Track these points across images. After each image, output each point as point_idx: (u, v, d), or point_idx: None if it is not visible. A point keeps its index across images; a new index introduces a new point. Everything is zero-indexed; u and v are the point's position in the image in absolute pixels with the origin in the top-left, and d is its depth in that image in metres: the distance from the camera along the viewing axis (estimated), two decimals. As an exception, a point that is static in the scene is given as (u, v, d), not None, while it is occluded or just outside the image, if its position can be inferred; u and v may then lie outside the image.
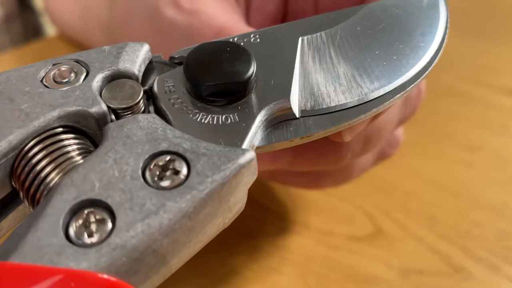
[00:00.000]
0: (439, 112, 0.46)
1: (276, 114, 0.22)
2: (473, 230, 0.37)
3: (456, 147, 0.43)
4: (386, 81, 0.23)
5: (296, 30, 0.24)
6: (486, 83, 0.49)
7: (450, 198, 0.39)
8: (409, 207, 0.38)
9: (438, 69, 0.52)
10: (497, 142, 0.43)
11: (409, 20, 0.25)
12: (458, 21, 0.56)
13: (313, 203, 0.39)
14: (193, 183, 0.18)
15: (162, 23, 0.31)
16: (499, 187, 0.40)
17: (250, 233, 0.37)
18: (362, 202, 0.39)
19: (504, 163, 0.42)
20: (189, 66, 0.21)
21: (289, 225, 0.37)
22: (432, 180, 0.40)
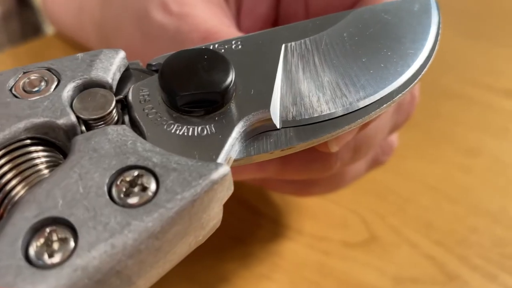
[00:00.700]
0: (438, 115, 0.45)
1: (255, 125, 0.20)
2: (470, 237, 0.36)
3: (455, 150, 0.41)
4: (372, 90, 0.22)
5: (280, 36, 0.23)
6: (486, 84, 0.47)
7: (447, 203, 0.38)
8: (405, 212, 0.37)
9: (437, 70, 0.50)
10: (496, 145, 0.42)
11: (399, 26, 0.23)
12: (458, 21, 0.55)
13: (308, 207, 0.37)
14: (161, 201, 0.17)
15: (150, 26, 0.30)
16: (497, 192, 0.38)
17: (242, 238, 0.35)
18: (358, 207, 0.38)
19: (503, 167, 0.40)
20: (164, 74, 0.20)
21: (282, 230, 0.36)
22: (429, 185, 0.39)
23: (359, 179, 0.35)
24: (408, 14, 0.24)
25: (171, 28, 0.29)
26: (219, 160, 0.19)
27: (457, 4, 0.58)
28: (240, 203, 0.37)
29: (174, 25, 0.29)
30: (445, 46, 0.53)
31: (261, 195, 0.38)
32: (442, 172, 0.40)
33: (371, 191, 0.39)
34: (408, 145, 0.42)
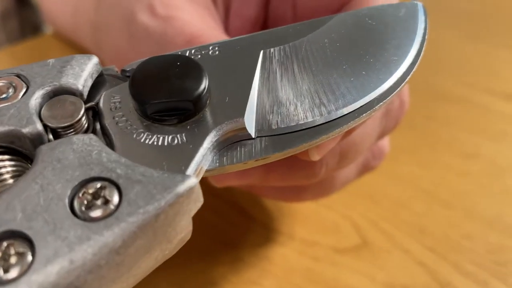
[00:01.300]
0: (435, 117, 0.43)
1: (229, 134, 0.19)
2: (463, 243, 0.35)
3: (451, 154, 0.40)
4: (352, 98, 0.21)
5: (259, 42, 0.22)
6: (485, 87, 0.46)
7: (441, 208, 0.37)
8: (398, 217, 0.36)
9: (435, 72, 0.49)
10: (493, 149, 0.41)
11: (383, 32, 0.23)
12: (458, 21, 0.54)
13: (300, 212, 0.36)
14: (122, 214, 0.16)
15: (137, 29, 0.29)
16: (493, 198, 0.37)
17: (233, 242, 0.34)
18: (350, 212, 0.37)
19: (500, 172, 0.39)
20: (135, 81, 0.19)
21: (273, 235, 0.35)
22: (424, 189, 0.38)
23: (351, 183, 0.34)
24: (394, 19, 0.23)
25: (156, 31, 0.28)
26: (189, 171, 0.18)
27: (457, 3, 0.56)
28: (232, 207, 0.36)
29: (159, 28, 0.28)
30: (443, 47, 0.52)
31: (253, 199, 0.37)
32: (437, 176, 0.39)
33: (365, 195, 0.38)
34: (403, 148, 0.41)
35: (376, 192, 0.38)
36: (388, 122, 0.28)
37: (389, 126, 0.28)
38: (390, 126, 0.28)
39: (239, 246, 0.34)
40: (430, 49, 0.53)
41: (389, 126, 0.28)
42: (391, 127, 0.29)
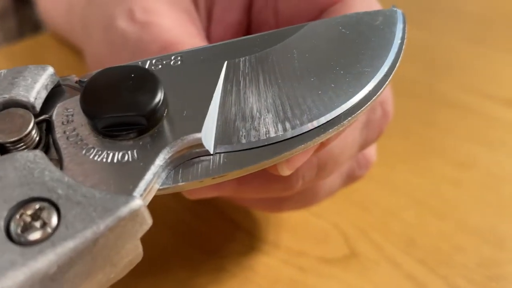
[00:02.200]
0: (432, 123, 0.42)
1: (185, 150, 0.18)
2: (455, 256, 0.33)
3: (446, 162, 0.39)
4: (318, 113, 0.19)
5: (224, 52, 0.21)
6: (485, 92, 0.44)
7: (433, 219, 0.35)
8: (389, 228, 0.35)
9: (434, 76, 0.47)
10: (491, 158, 0.39)
11: (356, 42, 0.21)
12: (460, 24, 0.52)
13: (287, 220, 0.35)
14: (59, 239, 0.15)
15: (115, 35, 0.28)
16: (487, 209, 0.36)
17: (216, 251, 0.33)
18: (339, 220, 0.35)
19: (496, 182, 0.37)
20: (86, 94, 0.18)
21: (258, 244, 0.34)
22: (416, 199, 0.36)
23: (345, 189, 0.33)
24: (369, 28, 0.22)
25: (133, 37, 0.27)
26: (137, 190, 0.17)
27: (458, 5, 0.55)
28: (217, 214, 0.35)
29: (136, 34, 0.27)
30: (443, 50, 0.50)
31: (240, 207, 0.36)
32: (431, 185, 0.37)
33: (355, 203, 0.36)
34: (397, 155, 0.39)
35: (368, 201, 0.36)
36: (370, 133, 0.27)
37: (371, 137, 0.27)
38: (372, 136, 0.27)
39: (222, 255, 0.33)
40: (430, 52, 0.51)
41: (371, 136, 0.27)
42: (374, 137, 0.27)
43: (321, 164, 0.25)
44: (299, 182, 0.25)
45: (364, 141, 0.27)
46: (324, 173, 0.26)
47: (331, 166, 0.26)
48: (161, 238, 0.34)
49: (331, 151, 0.25)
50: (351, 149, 0.26)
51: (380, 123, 0.27)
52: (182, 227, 0.34)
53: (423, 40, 0.51)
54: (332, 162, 0.25)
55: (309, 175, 0.25)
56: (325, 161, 0.25)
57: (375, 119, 0.26)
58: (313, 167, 0.25)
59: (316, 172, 0.25)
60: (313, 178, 0.25)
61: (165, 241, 0.34)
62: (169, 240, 0.34)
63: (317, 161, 0.25)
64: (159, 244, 0.34)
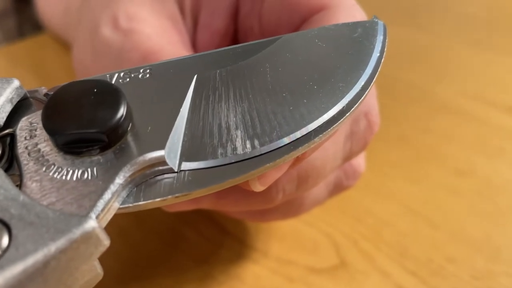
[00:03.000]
0: (431, 130, 0.41)
1: (147, 168, 0.18)
2: (448, 267, 0.32)
3: (443, 170, 0.38)
4: (288, 130, 0.19)
5: (194, 65, 0.20)
6: (486, 98, 0.43)
7: (427, 228, 0.34)
8: (380, 237, 0.34)
9: (434, 80, 0.46)
10: (489, 166, 0.38)
11: (333, 55, 0.20)
12: (462, 27, 0.50)
13: (277, 228, 0.35)
14: (8, 261, 0.15)
15: (98, 41, 0.27)
16: (483, 219, 0.35)
17: (204, 258, 0.33)
18: (331, 229, 0.35)
19: (493, 191, 0.36)
20: (48, 109, 0.18)
21: (247, 252, 0.33)
22: (410, 207, 0.35)
23: (338, 197, 0.32)
24: (347, 40, 0.21)
25: (116, 45, 0.26)
26: (95, 210, 0.16)
27: (461, 7, 0.53)
28: (206, 220, 0.35)
29: (119, 42, 0.26)
30: (444, 53, 0.49)
31: (229, 213, 0.35)
32: (426, 193, 0.36)
33: (348, 211, 0.35)
34: (393, 162, 0.39)
35: (360, 209, 0.36)
36: (354, 145, 0.26)
37: (355, 149, 0.26)
38: (356, 148, 0.26)
39: (210, 262, 0.33)
40: (430, 55, 0.50)
41: (355, 148, 0.26)
42: (358, 149, 0.27)
43: (302, 177, 0.24)
44: (279, 195, 0.24)
45: (348, 153, 0.26)
46: (306, 185, 0.25)
47: (313, 179, 0.25)
48: (148, 244, 0.34)
49: (312, 164, 0.24)
50: (334, 162, 0.25)
51: (364, 134, 0.26)
52: (169, 233, 0.34)
53: (423, 42, 0.50)
54: (314, 174, 0.25)
55: (290, 188, 0.24)
56: (306, 173, 0.24)
57: (359, 130, 0.26)
58: (293, 180, 0.24)
59: (297, 185, 0.24)
60: (294, 191, 0.25)
61: (153, 247, 0.33)
62: (156, 246, 0.33)
63: (297, 174, 0.24)
64: (146, 250, 0.33)
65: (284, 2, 0.25)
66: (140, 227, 0.34)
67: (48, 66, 0.48)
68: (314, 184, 0.25)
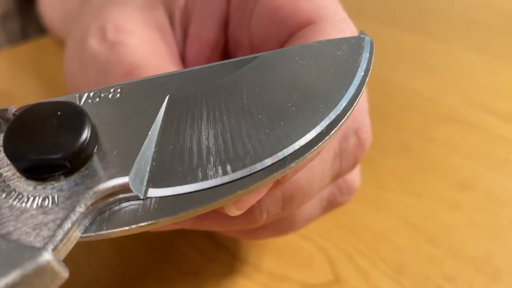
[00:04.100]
0: (434, 140, 0.40)
1: (111, 195, 0.17)
2: (445, 286, 0.31)
3: (444, 182, 0.36)
4: (263, 154, 0.18)
5: (167, 84, 0.19)
6: (492, 108, 0.42)
7: (425, 244, 0.33)
8: (377, 252, 0.33)
9: (439, 89, 0.45)
10: (492, 179, 0.37)
11: (315, 74, 0.19)
12: (468, 33, 0.49)
13: (271, 241, 0.34)
14: (-46, 297, 0.14)
15: (85, 54, 0.27)
16: (484, 235, 0.33)
17: (195, 272, 0.32)
18: (326, 243, 0.33)
19: (496, 206, 0.35)
20: (9, 132, 0.17)
21: (240, 266, 0.32)
22: (409, 221, 0.34)
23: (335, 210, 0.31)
24: (330, 58, 0.20)
25: (101, 57, 0.25)
26: (53, 240, 0.15)
27: (468, 13, 0.52)
28: (199, 232, 0.34)
29: (104, 55, 0.25)
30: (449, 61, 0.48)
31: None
32: (426, 207, 0.35)
33: (344, 225, 0.34)
34: (394, 173, 0.37)
35: (358, 223, 0.34)
36: (343, 163, 0.25)
37: (345, 167, 0.25)
38: (346, 166, 0.25)
39: (201, 275, 0.32)
40: (436, 62, 0.49)
41: (345, 166, 0.25)
42: (348, 167, 0.25)
43: (287, 197, 0.23)
44: (263, 216, 0.23)
45: (337, 172, 0.25)
46: (293, 205, 0.24)
47: (299, 199, 0.24)
48: (139, 256, 0.33)
49: (297, 184, 0.23)
50: (322, 181, 0.24)
51: (354, 152, 0.25)
52: (160, 244, 0.33)
53: (429, 49, 0.49)
54: (300, 194, 0.23)
55: (275, 208, 0.23)
56: (292, 194, 0.23)
57: (348, 148, 0.24)
58: (277, 200, 0.23)
59: (282, 205, 0.23)
60: (279, 211, 0.24)
61: (143, 259, 0.33)
62: (147, 258, 0.33)
63: (282, 194, 0.23)
64: (137, 262, 0.32)
65: (271, 15, 0.24)
66: (131, 237, 0.33)
67: (52, 70, 0.47)
68: (301, 204, 0.24)
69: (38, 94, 0.44)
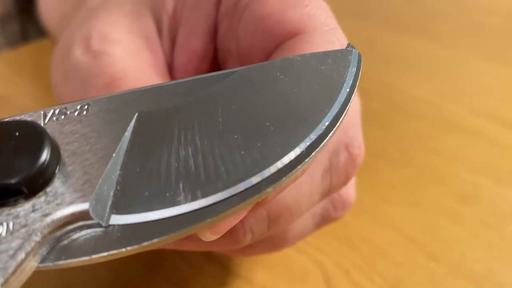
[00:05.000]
0: (436, 149, 0.38)
1: (70, 222, 0.16)
2: (444, 304, 0.29)
3: (447, 194, 0.35)
4: (236, 178, 0.16)
5: (137, 101, 0.18)
6: (499, 117, 0.40)
7: (425, 259, 0.31)
8: (374, 267, 0.31)
9: (444, 96, 0.43)
10: (497, 192, 0.35)
11: (296, 91, 0.18)
12: (476, 38, 0.47)
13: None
14: None
15: (69, 63, 0.25)
16: (487, 250, 0.32)
17: (185, 284, 0.31)
18: (322, 256, 0.32)
19: (500, 220, 0.33)
20: None
21: (230, 279, 0.31)
22: (408, 235, 0.33)
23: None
24: (313, 74, 0.18)
25: (84, 68, 0.24)
26: (5, 273, 0.14)
27: (478, 18, 0.50)
28: (191, 244, 0.32)
29: (87, 65, 0.24)
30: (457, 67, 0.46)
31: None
32: (426, 220, 0.33)
33: (341, 238, 0.33)
34: (393, 184, 0.36)
35: (355, 236, 0.33)
36: (334, 179, 0.23)
37: (336, 183, 0.24)
38: (337, 182, 0.24)
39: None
40: (442, 68, 0.47)
41: (337, 182, 0.24)
42: (340, 183, 0.24)
43: (273, 217, 0.22)
44: (247, 237, 0.22)
45: (328, 188, 0.24)
46: (279, 225, 0.23)
47: (286, 218, 0.22)
48: (129, 267, 0.32)
49: (283, 203, 0.22)
50: (310, 199, 0.23)
51: (345, 168, 0.23)
52: (151, 256, 0.32)
53: (435, 54, 0.47)
54: (286, 214, 0.22)
55: (260, 228, 0.22)
56: (277, 213, 0.22)
57: (339, 164, 0.23)
58: (262, 220, 0.22)
59: (268, 225, 0.22)
60: (265, 230, 0.22)
61: (134, 271, 0.31)
62: (138, 270, 0.31)
63: (267, 214, 0.22)
64: (126, 273, 0.31)
65: (258, 24, 0.22)
66: None
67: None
68: (289, 223, 0.23)
69: (37, 98, 0.43)
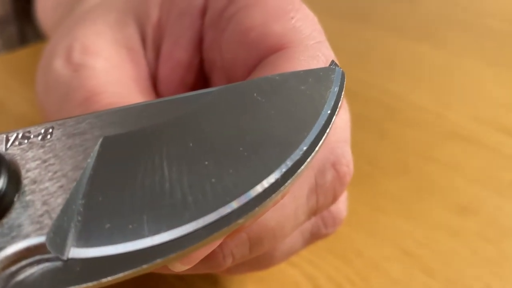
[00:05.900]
0: (435, 159, 0.36)
1: (25, 256, 0.14)
2: (439, 322, 0.28)
3: (445, 206, 0.33)
4: (205, 209, 0.15)
5: (103, 124, 0.17)
6: (502, 125, 0.38)
7: (421, 275, 0.30)
8: (369, 283, 0.30)
9: (445, 103, 0.41)
10: (498, 204, 0.33)
11: (273, 113, 0.17)
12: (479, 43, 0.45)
13: (257, 267, 0.31)
14: None
15: (49, 76, 0.24)
16: (485, 266, 0.30)
17: (173, 299, 0.30)
18: (316, 271, 0.31)
19: (499, 233, 0.32)
20: None
21: (220, 294, 0.30)
22: (404, 249, 0.31)
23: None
24: (292, 94, 0.17)
25: (64, 81, 0.23)
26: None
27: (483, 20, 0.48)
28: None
29: (67, 79, 0.23)
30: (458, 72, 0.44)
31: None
32: (423, 233, 0.32)
33: (335, 250, 0.32)
34: (389, 195, 0.34)
35: (349, 248, 0.32)
36: (321, 198, 0.22)
37: (323, 202, 0.22)
38: (324, 202, 0.22)
39: (179, 305, 0.29)
40: (443, 74, 0.45)
41: (323, 202, 0.22)
42: (327, 202, 0.23)
43: (254, 240, 0.21)
44: (228, 260, 0.21)
45: (314, 208, 0.22)
46: (262, 247, 0.21)
47: (269, 240, 0.21)
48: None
49: (265, 225, 0.21)
50: (295, 220, 0.22)
51: (333, 187, 0.22)
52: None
53: (436, 59, 0.45)
54: (269, 236, 0.21)
55: (241, 251, 0.21)
56: (259, 236, 0.21)
57: (326, 183, 0.22)
58: (243, 243, 0.21)
59: (250, 248, 0.21)
60: (247, 253, 0.21)
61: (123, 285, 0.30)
62: (128, 285, 0.30)
63: (248, 237, 0.21)
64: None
65: (241, 37, 0.21)
66: None
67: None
68: (272, 245, 0.22)
69: (33, 102, 0.42)
